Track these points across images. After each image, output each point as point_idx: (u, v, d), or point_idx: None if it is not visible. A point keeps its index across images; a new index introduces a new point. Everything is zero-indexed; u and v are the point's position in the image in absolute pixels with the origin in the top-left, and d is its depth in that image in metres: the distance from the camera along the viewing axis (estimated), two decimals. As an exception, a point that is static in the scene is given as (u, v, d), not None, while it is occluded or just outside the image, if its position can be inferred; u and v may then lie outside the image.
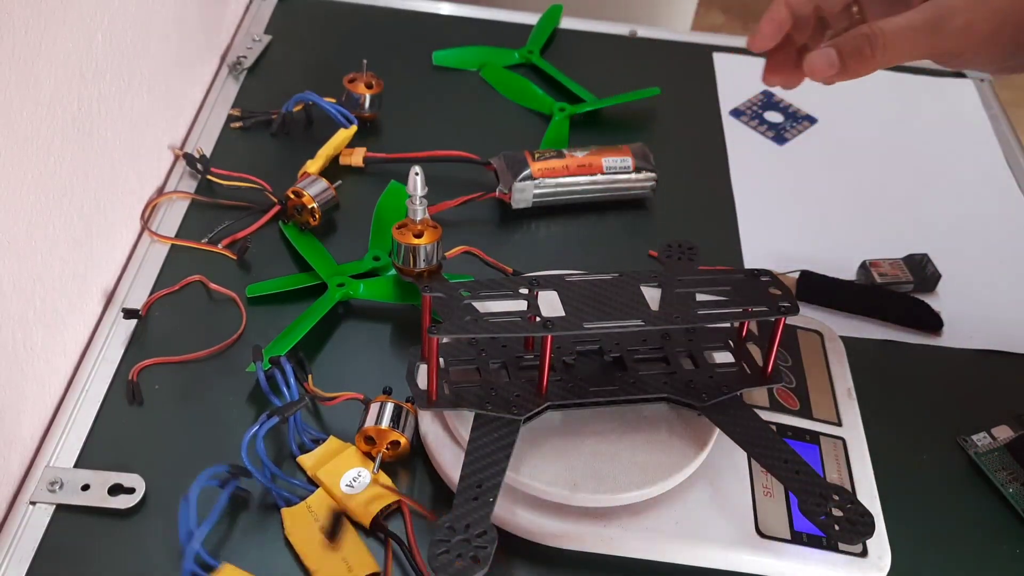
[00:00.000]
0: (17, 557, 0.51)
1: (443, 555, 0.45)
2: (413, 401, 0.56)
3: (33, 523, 0.53)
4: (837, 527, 0.49)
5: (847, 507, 0.50)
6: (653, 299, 0.54)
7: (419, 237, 0.61)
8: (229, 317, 0.64)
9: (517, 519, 0.53)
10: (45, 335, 0.57)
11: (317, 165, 0.72)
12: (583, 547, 0.53)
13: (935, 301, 0.69)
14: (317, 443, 0.56)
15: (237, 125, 0.78)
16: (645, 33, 0.94)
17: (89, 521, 0.53)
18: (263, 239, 0.69)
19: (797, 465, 0.51)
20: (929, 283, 0.71)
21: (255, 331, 0.63)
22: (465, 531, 0.46)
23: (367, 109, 0.78)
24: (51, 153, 0.56)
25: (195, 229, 0.69)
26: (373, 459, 0.55)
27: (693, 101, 0.86)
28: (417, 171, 0.59)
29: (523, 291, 0.54)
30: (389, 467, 0.56)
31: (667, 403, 0.56)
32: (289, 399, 0.56)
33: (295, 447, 0.56)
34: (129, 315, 0.63)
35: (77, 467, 0.55)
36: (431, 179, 0.60)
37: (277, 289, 0.65)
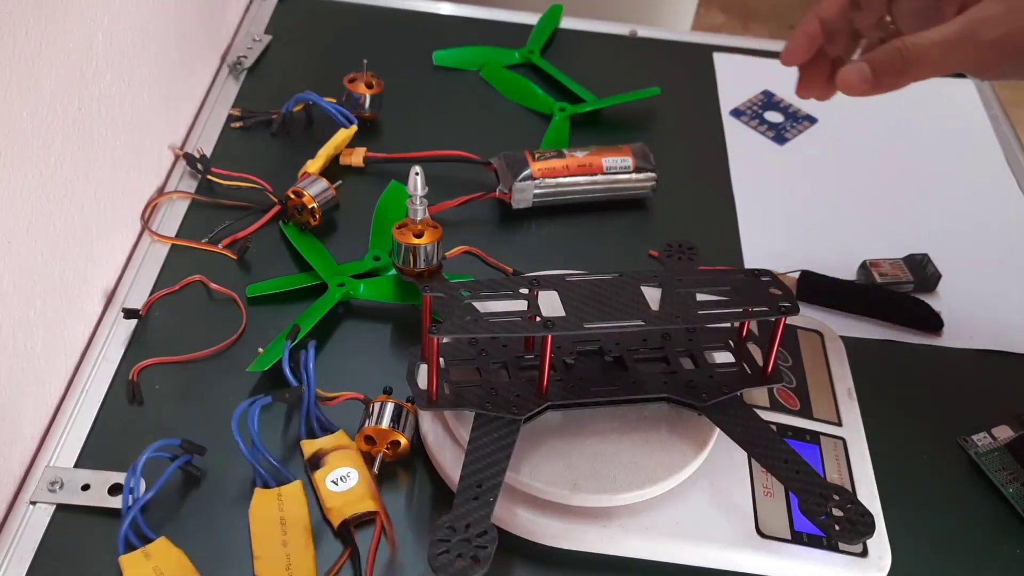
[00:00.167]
0: (17, 557, 0.51)
1: (443, 555, 0.45)
2: (413, 401, 0.56)
3: (33, 523, 0.53)
4: (837, 527, 0.49)
5: (847, 507, 0.50)
6: (653, 299, 0.54)
7: (419, 237, 0.61)
8: (229, 317, 0.64)
9: (517, 519, 0.53)
10: (45, 335, 0.57)
11: (317, 165, 0.72)
12: (583, 547, 0.53)
13: (935, 301, 0.69)
14: (327, 432, 0.57)
15: (237, 125, 0.78)
16: (645, 33, 0.94)
17: (89, 521, 0.53)
18: (263, 239, 0.69)
19: (797, 465, 0.51)
20: (929, 283, 0.71)
21: (255, 331, 0.63)
22: (465, 531, 0.46)
23: (367, 109, 0.78)
24: (51, 153, 0.56)
25: (195, 229, 0.69)
26: (373, 459, 0.55)
27: (693, 101, 0.86)
28: (417, 171, 0.59)
29: (523, 291, 0.54)
30: (389, 467, 0.56)
31: (667, 403, 0.56)
32: (306, 385, 0.57)
33: (303, 430, 0.57)
34: (129, 315, 0.63)
35: (77, 467, 0.55)
36: (431, 179, 0.60)
37: (277, 289, 0.65)
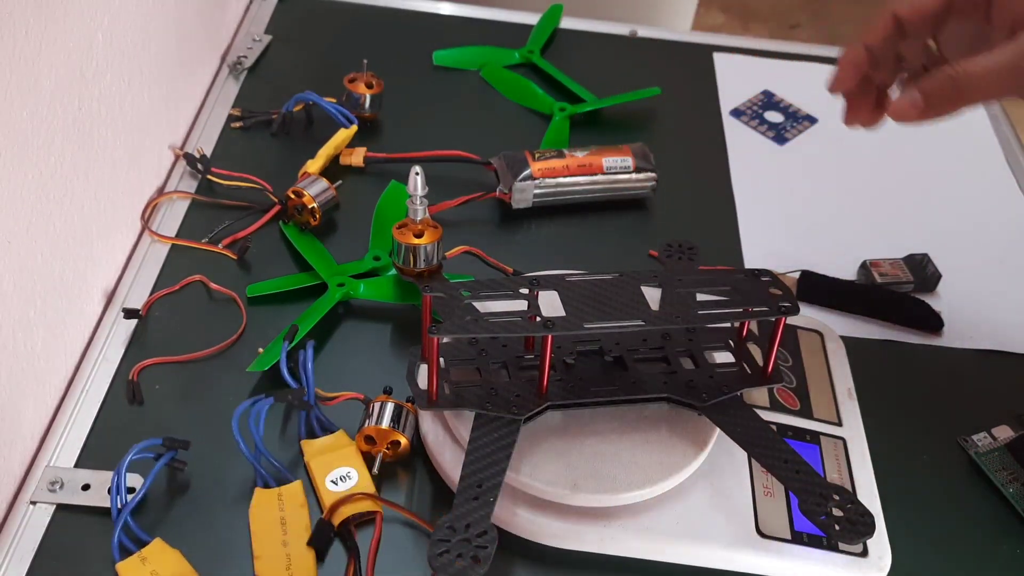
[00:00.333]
0: (17, 557, 0.51)
1: (443, 555, 0.45)
2: (413, 401, 0.56)
3: (33, 523, 0.53)
4: (837, 527, 0.49)
5: (847, 507, 0.50)
6: (653, 299, 0.54)
7: (419, 237, 0.61)
8: (229, 317, 0.64)
9: (517, 519, 0.53)
10: (46, 335, 0.57)
11: (317, 165, 0.72)
12: (583, 547, 0.53)
13: (935, 301, 0.69)
14: (327, 432, 0.57)
15: (237, 125, 0.78)
16: (645, 33, 0.94)
17: (89, 521, 0.53)
18: (263, 239, 0.69)
19: (797, 465, 0.51)
20: (929, 283, 0.71)
21: (255, 331, 0.63)
22: (465, 531, 0.46)
23: (367, 109, 0.78)
24: (52, 153, 0.56)
25: (195, 229, 0.69)
26: (373, 459, 0.55)
27: (693, 101, 0.86)
28: (417, 171, 0.59)
29: (523, 291, 0.54)
30: (389, 467, 0.56)
31: (667, 403, 0.56)
32: (306, 385, 0.57)
33: (303, 430, 0.57)
34: (129, 315, 0.63)
35: (77, 467, 0.55)
36: (431, 179, 0.60)
37: (277, 289, 0.65)
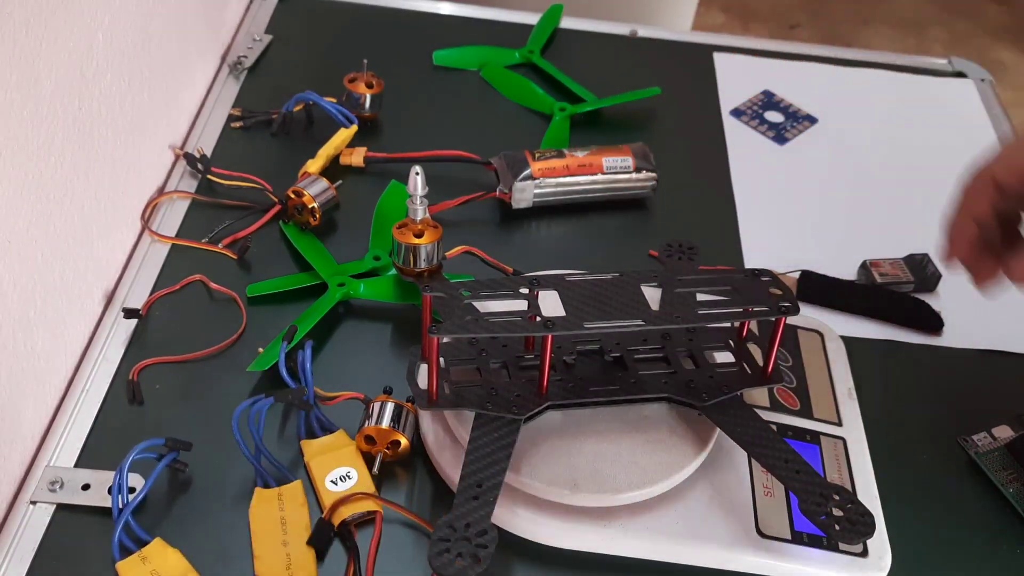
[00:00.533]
0: (18, 556, 0.51)
1: (444, 554, 0.45)
2: (413, 401, 0.56)
3: (33, 522, 0.53)
4: (837, 527, 0.49)
5: (847, 507, 0.50)
6: (653, 299, 0.54)
7: (419, 237, 0.61)
8: (229, 317, 0.64)
9: (517, 519, 0.53)
10: (46, 335, 0.57)
11: (317, 165, 0.72)
12: (583, 547, 0.53)
13: (935, 301, 0.69)
14: (327, 432, 0.57)
15: (237, 125, 0.78)
16: (645, 33, 0.94)
17: (89, 521, 0.53)
18: (263, 239, 0.69)
19: (797, 465, 0.51)
20: (929, 283, 0.71)
21: (255, 331, 0.63)
22: (465, 530, 0.46)
23: (367, 109, 0.78)
24: (52, 153, 0.56)
25: (195, 229, 0.69)
26: (373, 459, 0.55)
27: (693, 101, 0.86)
28: (417, 171, 0.59)
29: (523, 291, 0.54)
30: (389, 467, 0.56)
31: (667, 403, 0.56)
32: (305, 385, 0.57)
33: (303, 430, 0.57)
34: (129, 315, 0.63)
35: (78, 467, 0.55)
36: (431, 179, 0.60)
37: (277, 289, 0.65)
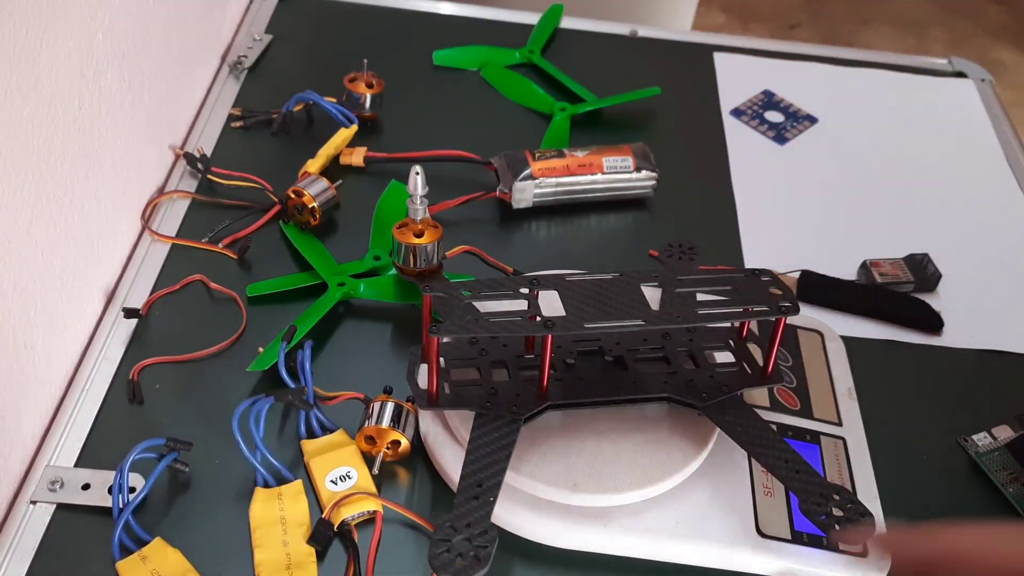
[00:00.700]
0: (18, 556, 0.51)
1: (444, 554, 0.45)
2: (413, 401, 0.56)
3: (34, 522, 0.53)
4: (837, 527, 0.49)
5: (847, 507, 0.50)
6: (653, 299, 0.54)
7: (419, 237, 0.61)
8: (229, 316, 0.64)
9: (517, 519, 0.53)
10: (46, 334, 0.57)
11: (318, 164, 0.72)
12: (583, 547, 0.53)
13: (935, 301, 0.69)
14: (327, 431, 0.57)
15: (238, 124, 0.78)
16: (645, 33, 0.94)
17: (90, 520, 0.53)
18: (263, 238, 0.69)
19: (797, 465, 0.51)
20: (929, 283, 0.71)
21: (256, 330, 0.63)
22: (466, 530, 0.46)
23: (368, 109, 0.78)
24: (52, 152, 0.56)
25: (196, 228, 0.69)
26: (373, 459, 0.55)
27: (693, 101, 0.86)
28: (418, 171, 0.59)
29: (523, 291, 0.54)
30: (389, 467, 0.56)
31: (667, 403, 0.56)
32: (305, 385, 0.57)
33: (303, 430, 0.57)
34: (130, 314, 0.63)
35: (78, 466, 0.55)
36: (431, 179, 0.60)
37: (277, 288, 0.65)
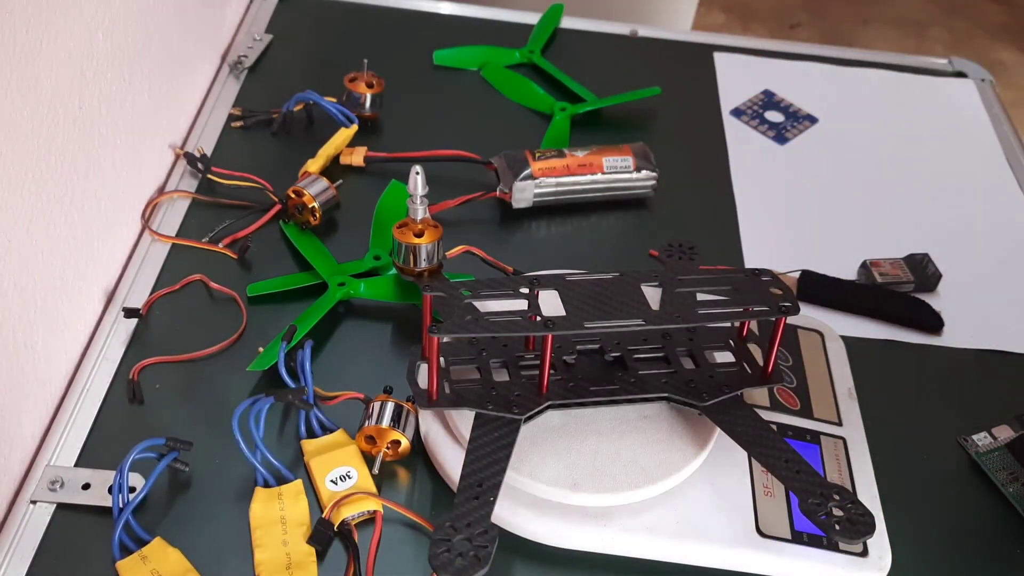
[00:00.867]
0: (18, 556, 0.51)
1: (444, 554, 0.45)
2: (414, 400, 0.56)
3: (34, 522, 0.53)
4: (837, 527, 0.49)
5: (847, 507, 0.50)
6: (654, 298, 0.54)
7: (420, 236, 0.61)
8: (230, 316, 0.64)
9: (517, 519, 0.53)
10: (46, 334, 0.57)
11: (318, 164, 0.72)
12: (583, 547, 0.53)
13: (935, 301, 0.69)
14: (327, 431, 0.57)
15: (238, 124, 0.78)
16: (646, 33, 0.94)
17: (90, 520, 0.53)
18: (264, 238, 0.69)
19: (798, 465, 0.51)
20: (930, 283, 0.71)
21: (256, 330, 0.63)
22: (466, 530, 0.46)
23: (368, 108, 0.78)
24: (52, 152, 0.56)
25: (196, 228, 0.69)
26: (373, 459, 0.55)
27: (694, 101, 0.86)
28: (418, 170, 0.59)
29: (523, 290, 0.54)
30: (389, 467, 0.56)
31: (668, 403, 0.56)
32: (305, 384, 0.57)
33: (303, 429, 0.57)
34: (130, 314, 0.63)
35: (78, 466, 0.55)
36: (432, 178, 0.60)
37: (278, 288, 0.65)
